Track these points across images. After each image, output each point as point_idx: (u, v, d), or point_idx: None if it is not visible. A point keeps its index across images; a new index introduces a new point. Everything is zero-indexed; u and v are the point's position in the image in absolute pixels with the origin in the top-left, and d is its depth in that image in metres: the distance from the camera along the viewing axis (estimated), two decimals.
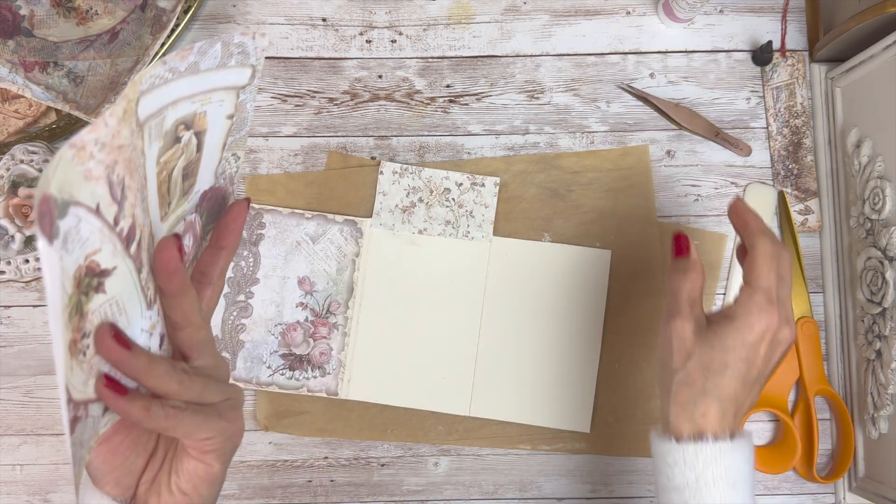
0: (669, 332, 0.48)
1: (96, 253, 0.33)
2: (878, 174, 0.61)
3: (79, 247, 0.31)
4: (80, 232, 0.31)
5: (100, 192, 0.32)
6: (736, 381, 0.47)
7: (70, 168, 0.30)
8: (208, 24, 0.70)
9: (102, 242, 0.33)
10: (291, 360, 0.66)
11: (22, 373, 0.67)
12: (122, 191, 0.33)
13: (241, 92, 0.42)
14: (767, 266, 0.47)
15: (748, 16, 0.71)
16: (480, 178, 0.67)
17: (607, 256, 0.67)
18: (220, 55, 0.39)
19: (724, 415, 0.47)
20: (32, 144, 0.60)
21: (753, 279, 0.47)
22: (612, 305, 0.67)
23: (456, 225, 0.67)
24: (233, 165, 0.45)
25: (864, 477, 0.64)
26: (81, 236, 0.31)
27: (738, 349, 0.47)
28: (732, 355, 0.47)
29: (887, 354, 0.60)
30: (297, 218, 0.67)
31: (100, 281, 0.34)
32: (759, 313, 0.47)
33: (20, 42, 0.66)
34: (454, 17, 0.70)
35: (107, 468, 0.39)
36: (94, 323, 0.34)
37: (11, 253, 0.57)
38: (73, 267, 0.31)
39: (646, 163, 0.69)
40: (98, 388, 0.35)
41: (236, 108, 0.42)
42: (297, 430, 0.67)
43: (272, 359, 0.66)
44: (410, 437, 0.67)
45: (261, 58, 0.42)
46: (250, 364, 0.66)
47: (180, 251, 0.36)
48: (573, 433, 0.67)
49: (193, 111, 0.39)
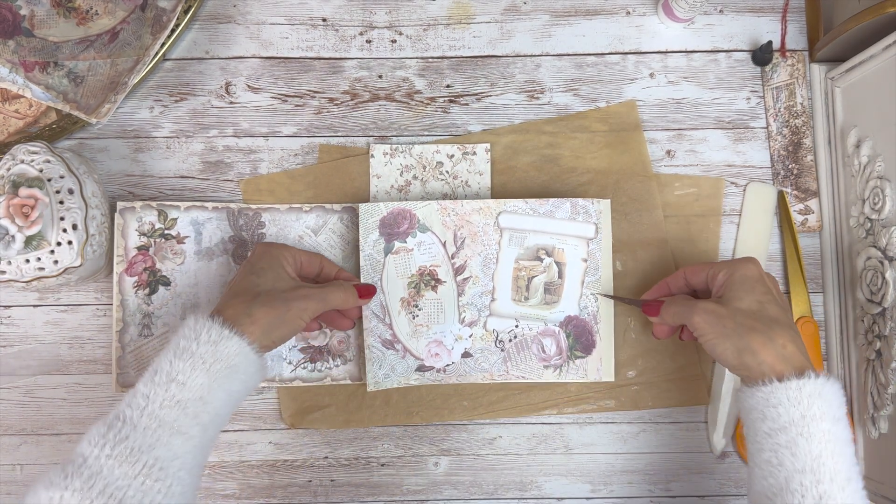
0: (699, 322, 0.54)
1: (437, 266, 0.65)
2: (878, 174, 0.61)
3: (427, 255, 0.65)
4: (430, 248, 0.64)
5: (448, 235, 0.64)
6: (777, 305, 0.54)
7: (434, 214, 0.64)
8: (208, 24, 0.70)
9: (441, 262, 0.65)
10: (311, 353, 0.67)
11: (22, 373, 0.67)
12: (462, 243, 0.64)
13: (590, 242, 0.65)
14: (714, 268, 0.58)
15: (748, 16, 0.71)
16: (471, 146, 0.68)
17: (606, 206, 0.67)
18: (570, 211, 0.64)
19: (796, 342, 0.52)
20: (33, 144, 0.60)
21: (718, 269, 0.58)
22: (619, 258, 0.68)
23: (453, 197, 0.68)
24: (593, 304, 0.65)
25: (864, 477, 0.64)
26: (430, 251, 0.65)
27: (754, 286, 0.55)
28: (756, 291, 0.55)
29: (887, 354, 0.60)
30: (296, 212, 0.67)
31: (435, 283, 0.65)
32: (744, 263, 0.57)
33: (20, 42, 0.66)
34: (454, 17, 0.70)
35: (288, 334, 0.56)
36: (422, 305, 0.65)
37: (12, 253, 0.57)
38: (419, 264, 0.64)
39: (635, 118, 0.69)
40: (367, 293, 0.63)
41: (588, 254, 0.65)
42: (322, 423, 0.67)
43: (292, 354, 0.66)
44: (436, 416, 0.67)
45: (601, 219, 0.65)
46: (272, 362, 0.66)
47: (371, 296, 0.63)
48: (598, 393, 0.67)
49: (553, 245, 0.65)
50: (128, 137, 0.69)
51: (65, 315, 0.68)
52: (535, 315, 0.65)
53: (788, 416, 0.49)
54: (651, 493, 0.68)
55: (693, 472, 0.68)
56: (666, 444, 0.68)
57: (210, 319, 0.52)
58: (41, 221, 0.58)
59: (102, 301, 0.68)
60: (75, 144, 0.69)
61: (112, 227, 0.66)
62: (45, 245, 0.58)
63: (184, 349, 0.51)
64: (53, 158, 0.60)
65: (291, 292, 0.56)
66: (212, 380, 0.50)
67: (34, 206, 0.58)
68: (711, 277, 0.58)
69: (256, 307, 0.53)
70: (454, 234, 0.65)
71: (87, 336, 0.68)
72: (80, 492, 0.45)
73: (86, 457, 0.46)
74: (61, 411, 0.67)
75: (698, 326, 0.55)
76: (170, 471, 0.48)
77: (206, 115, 0.69)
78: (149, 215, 0.66)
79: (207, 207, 0.67)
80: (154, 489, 0.46)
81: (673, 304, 0.58)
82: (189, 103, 0.69)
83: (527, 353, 0.65)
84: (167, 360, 0.50)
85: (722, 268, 0.58)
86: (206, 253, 0.67)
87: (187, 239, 0.67)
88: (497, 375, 0.65)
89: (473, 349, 0.65)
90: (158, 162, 0.69)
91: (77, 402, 0.67)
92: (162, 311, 0.66)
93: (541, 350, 0.65)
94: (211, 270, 0.67)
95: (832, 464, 0.48)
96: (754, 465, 0.52)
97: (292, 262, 0.60)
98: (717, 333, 0.53)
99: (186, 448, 0.49)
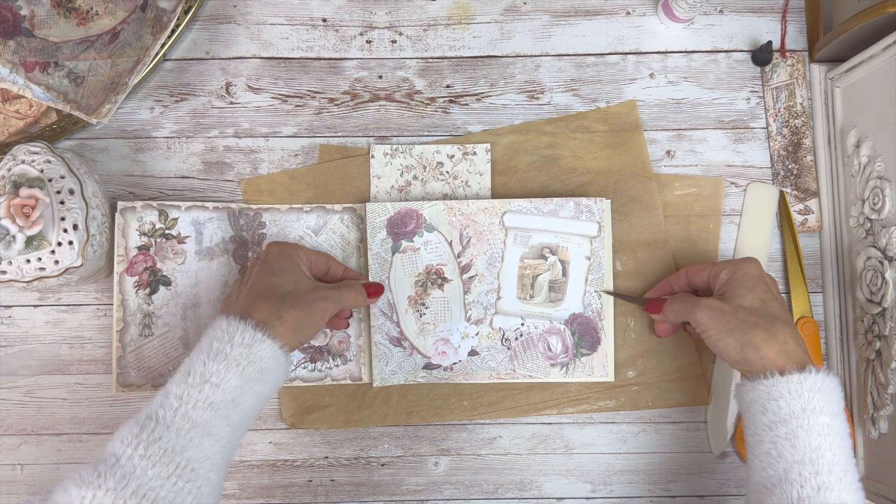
0: (702, 318, 0.55)
1: (443, 265, 0.65)
2: (878, 174, 0.61)
3: (434, 254, 0.65)
4: (436, 247, 0.65)
5: (454, 235, 0.65)
6: (777, 303, 0.55)
7: (440, 213, 0.65)
8: (209, 24, 0.70)
9: (448, 261, 0.65)
10: (312, 353, 0.67)
11: (22, 373, 0.67)
12: (468, 243, 0.65)
13: (594, 241, 0.65)
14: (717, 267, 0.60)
15: (748, 16, 0.71)
16: (471, 146, 0.68)
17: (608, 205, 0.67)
18: (573, 210, 0.65)
19: (797, 339, 0.53)
20: (33, 144, 0.60)
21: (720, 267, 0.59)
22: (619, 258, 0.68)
23: (453, 197, 0.68)
24: (597, 302, 0.65)
25: (864, 476, 0.64)
26: (436, 250, 0.65)
27: (756, 284, 0.56)
28: (758, 289, 0.56)
29: (887, 354, 0.60)
30: (297, 213, 0.67)
31: (441, 281, 0.65)
32: (746, 263, 0.58)
33: (21, 42, 0.67)
34: (454, 18, 0.71)
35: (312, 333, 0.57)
36: (429, 303, 0.65)
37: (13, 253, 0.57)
38: (426, 263, 0.65)
39: (635, 118, 0.69)
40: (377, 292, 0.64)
41: (591, 252, 0.65)
42: (323, 423, 0.67)
43: (292, 354, 0.66)
44: (436, 416, 0.67)
45: (603, 217, 0.65)
46: None
47: (379, 294, 0.63)
48: (598, 393, 0.67)
49: (557, 243, 0.65)
50: (128, 138, 0.69)
51: (65, 315, 0.68)
52: (540, 313, 0.66)
53: (789, 409, 0.50)
54: (651, 493, 0.68)
55: (693, 472, 0.68)
56: (666, 444, 0.68)
57: (243, 322, 0.52)
58: (42, 222, 0.58)
59: (103, 301, 0.68)
60: (76, 145, 0.69)
61: (112, 228, 0.66)
62: (46, 245, 0.58)
63: (217, 351, 0.51)
64: (54, 159, 0.60)
65: (312, 293, 0.57)
66: (244, 382, 0.51)
67: (35, 206, 0.58)
68: (713, 276, 0.59)
69: (285, 309, 0.54)
70: (460, 233, 0.66)
71: (88, 336, 0.68)
72: (113, 491, 0.45)
73: (118, 456, 0.47)
74: (62, 411, 0.67)
75: (701, 322, 0.55)
76: (200, 472, 0.48)
77: (206, 116, 0.69)
78: (149, 215, 0.66)
79: (208, 207, 0.67)
80: (185, 490, 0.47)
81: (676, 301, 0.59)
82: (189, 104, 0.70)
83: (533, 352, 0.65)
84: (200, 362, 0.50)
85: (724, 266, 0.58)
86: (206, 253, 0.67)
87: (188, 239, 0.67)
88: (504, 374, 0.66)
89: (480, 347, 0.66)
90: (159, 162, 0.69)
91: (77, 402, 0.67)
92: (162, 310, 0.66)
93: (547, 348, 0.65)
94: (211, 270, 0.67)
95: (831, 456, 0.49)
96: (753, 458, 0.52)
97: (306, 262, 0.60)
98: (720, 329, 0.54)
99: (216, 449, 0.49)
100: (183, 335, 0.66)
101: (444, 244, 0.66)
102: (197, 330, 0.66)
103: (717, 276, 0.59)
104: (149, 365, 0.65)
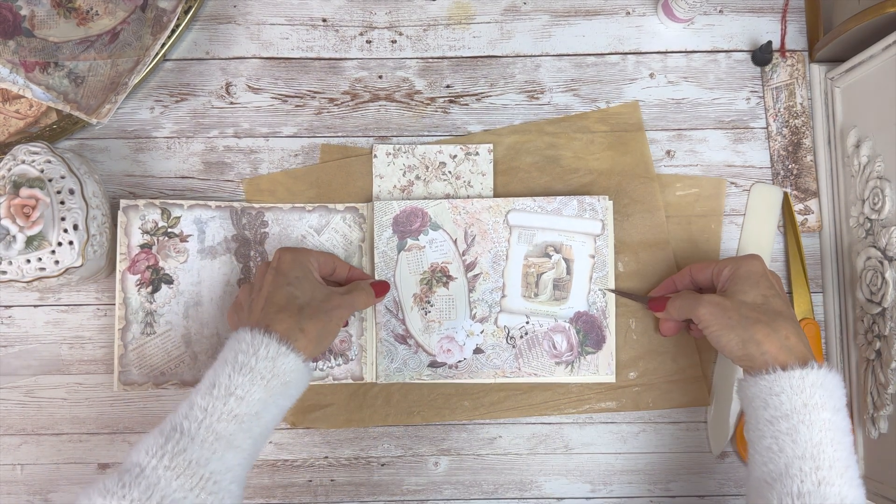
0: (704, 314, 0.56)
1: (448, 263, 0.66)
2: (878, 174, 0.61)
3: (439, 252, 0.66)
4: (441, 245, 0.66)
5: (458, 233, 0.66)
6: (780, 300, 0.55)
7: (445, 212, 0.66)
8: (209, 24, 0.70)
9: (453, 260, 0.66)
10: None
11: (22, 373, 0.67)
12: (472, 241, 0.66)
13: (597, 239, 0.65)
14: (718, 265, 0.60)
15: (748, 16, 0.71)
16: (474, 146, 0.68)
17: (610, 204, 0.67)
18: (577, 208, 0.65)
19: (799, 335, 0.53)
20: (33, 145, 0.60)
21: (723, 265, 0.59)
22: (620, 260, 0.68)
23: (456, 197, 0.68)
24: (601, 300, 0.66)
25: (864, 476, 0.64)
26: (441, 248, 0.66)
27: (759, 281, 0.56)
28: (761, 285, 0.56)
29: (887, 354, 0.60)
30: (299, 212, 0.67)
31: (447, 280, 0.66)
32: (749, 259, 0.58)
33: (21, 42, 0.67)
34: (454, 18, 0.71)
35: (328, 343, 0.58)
36: (434, 301, 0.66)
37: (13, 253, 0.57)
38: (431, 261, 0.66)
39: (638, 119, 0.69)
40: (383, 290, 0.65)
41: (595, 250, 0.65)
42: (324, 422, 0.67)
43: None
44: (437, 416, 0.67)
45: (607, 215, 0.65)
46: None
47: (385, 293, 0.65)
48: (599, 394, 0.67)
49: (561, 241, 0.65)
50: (128, 138, 0.69)
51: (65, 315, 0.68)
52: (545, 311, 0.66)
53: (791, 404, 0.50)
54: (651, 493, 0.68)
55: (693, 472, 0.68)
56: (666, 444, 0.68)
57: (267, 335, 0.52)
58: (42, 222, 0.58)
59: (103, 301, 0.68)
60: (76, 145, 0.69)
61: (112, 228, 0.66)
62: (46, 245, 0.58)
63: (242, 364, 0.51)
64: (54, 159, 0.60)
65: (327, 302, 0.57)
66: (268, 395, 0.51)
67: (35, 206, 0.58)
68: (716, 273, 0.59)
69: (305, 321, 0.54)
70: (465, 231, 0.66)
71: (88, 336, 0.68)
72: (137, 502, 0.45)
73: (143, 467, 0.47)
74: (62, 411, 0.67)
75: (704, 318, 0.55)
76: (222, 484, 0.48)
77: (206, 116, 0.69)
78: (152, 213, 0.66)
79: (211, 206, 0.67)
80: (208, 502, 0.47)
81: (679, 298, 0.59)
82: (189, 104, 0.70)
83: (538, 350, 0.65)
84: (226, 374, 0.51)
85: (727, 264, 0.59)
86: (209, 251, 0.67)
87: (190, 237, 0.67)
88: (509, 372, 0.66)
89: (485, 345, 0.66)
90: (159, 162, 0.69)
91: (77, 402, 0.67)
92: (164, 309, 0.66)
93: (552, 346, 0.65)
94: (214, 269, 0.67)
95: (832, 451, 0.49)
96: (754, 453, 0.52)
97: (316, 267, 0.60)
98: (723, 325, 0.54)
99: (238, 461, 0.50)
100: (185, 334, 0.66)
101: (448, 242, 0.66)
102: (199, 329, 0.66)
103: (720, 273, 0.59)
104: (150, 363, 0.65)
